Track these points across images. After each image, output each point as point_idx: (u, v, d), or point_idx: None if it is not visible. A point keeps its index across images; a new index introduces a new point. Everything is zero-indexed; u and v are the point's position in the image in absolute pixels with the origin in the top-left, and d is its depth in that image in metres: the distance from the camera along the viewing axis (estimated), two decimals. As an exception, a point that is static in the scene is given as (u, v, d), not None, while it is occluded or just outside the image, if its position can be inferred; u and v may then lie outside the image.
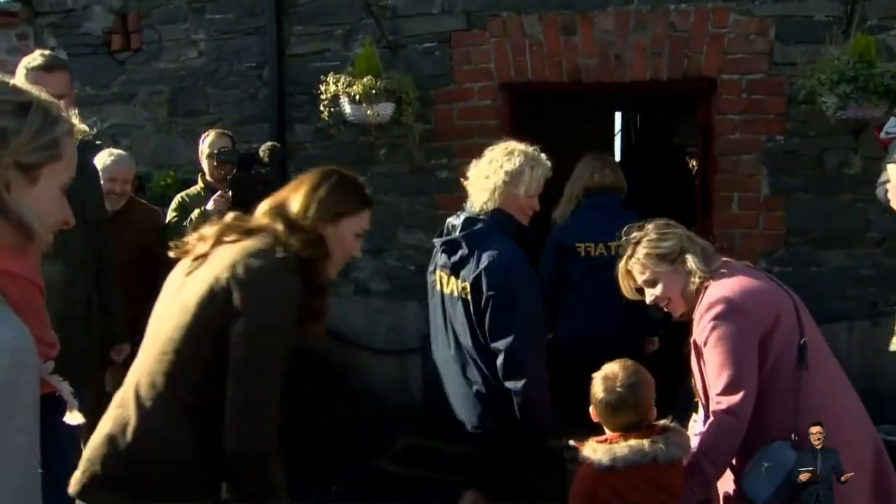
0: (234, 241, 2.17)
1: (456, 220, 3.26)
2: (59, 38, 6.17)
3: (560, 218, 4.33)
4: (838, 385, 2.49)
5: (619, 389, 2.39)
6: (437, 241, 3.32)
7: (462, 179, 3.36)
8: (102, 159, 4.22)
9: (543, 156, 3.25)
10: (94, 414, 4.25)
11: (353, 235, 2.32)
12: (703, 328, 2.44)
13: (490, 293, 3.03)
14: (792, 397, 2.33)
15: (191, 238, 2.25)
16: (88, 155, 3.58)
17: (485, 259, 3.07)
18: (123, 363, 4.14)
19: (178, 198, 4.55)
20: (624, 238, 2.69)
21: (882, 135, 3.90)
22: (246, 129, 5.63)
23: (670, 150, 6.99)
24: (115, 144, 5.54)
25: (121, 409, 2.09)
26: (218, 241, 2.17)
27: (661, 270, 2.56)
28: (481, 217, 3.16)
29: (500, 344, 3.03)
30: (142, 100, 6.05)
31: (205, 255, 2.16)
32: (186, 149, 5.84)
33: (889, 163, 2.96)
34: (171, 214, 4.48)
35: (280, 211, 2.23)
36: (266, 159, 4.38)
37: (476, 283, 3.08)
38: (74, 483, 2.08)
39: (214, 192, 4.38)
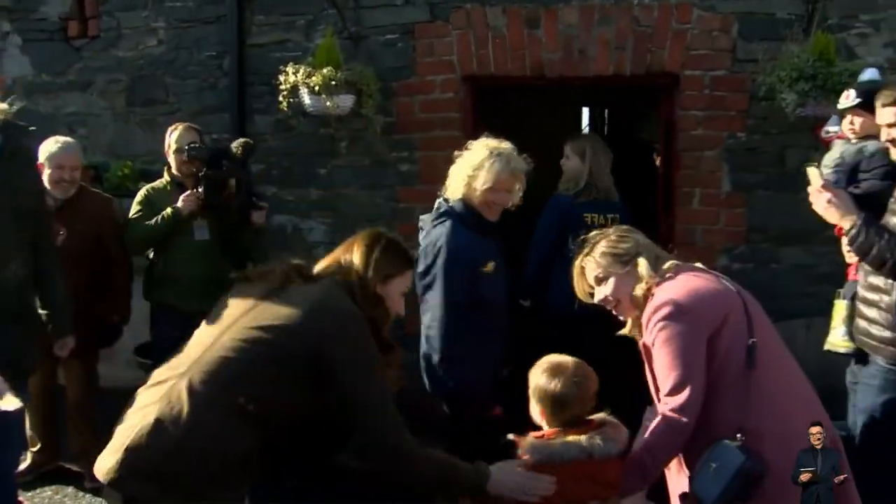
0: (304, 283, 2.36)
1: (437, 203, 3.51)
2: (13, 22, 6.10)
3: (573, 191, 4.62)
4: (793, 381, 2.51)
5: (574, 381, 2.44)
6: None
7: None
8: (48, 147, 4.16)
9: (512, 153, 3.35)
10: (43, 405, 4.29)
11: (399, 294, 2.51)
12: (650, 330, 2.49)
13: (418, 271, 3.27)
14: (740, 396, 2.36)
15: (259, 268, 2.46)
16: (24, 140, 3.49)
17: (425, 241, 3.37)
18: (79, 357, 4.18)
19: (143, 191, 4.49)
20: (582, 239, 2.77)
21: (822, 133, 4.04)
22: (206, 120, 5.56)
23: (637, 146, 7.00)
24: (72, 133, 5.50)
25: (168, 402, 2.16)
26: (287, 279, 2.35)
27: (614, 271, 2.63)
28: (451, 204, 3.37)
29: (424, 319, 3.30)
30: (99, 88, 5.99)
31: (280, 288, 2.33)
32: (144, 139, 5.84)
33: (808, 166, 3.02)
34: (135, 208, 4.43)
35: (345, 269, 2.41)
36: (239, 155, 4.34)
37: (416, 262, 3.29)
38: (109, 471, 2.12)
39: (181, 186, 4.38)
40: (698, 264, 2.68)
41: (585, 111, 8.50)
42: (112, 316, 4.43)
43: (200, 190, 4.22)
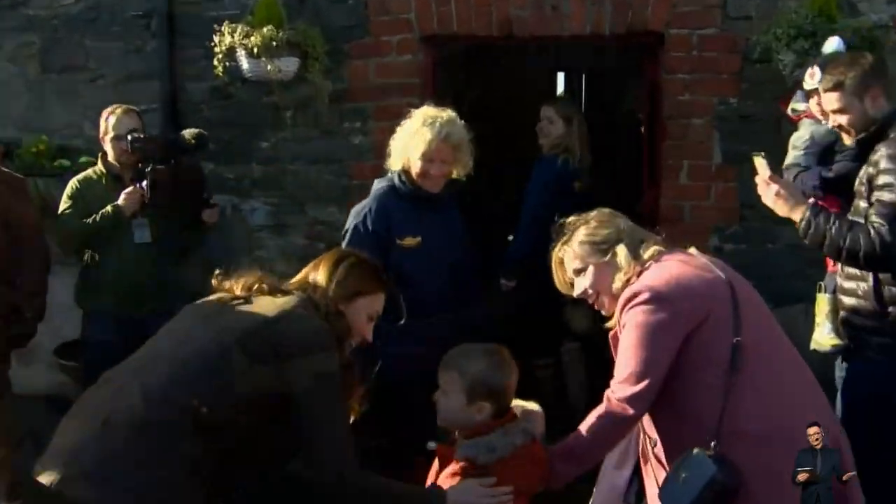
0: (269, 295, 2.46)
1: None
2: None
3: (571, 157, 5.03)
4: (791, 375, 2.49)
5: (514, 368, 2.58)
6: None
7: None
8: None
9: (449, 122, 3.50)
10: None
11: (367, 317, 2.59)
12: (623, 316, 2.50)
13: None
14: (722, 398, 2.36)
15: (228, 281, 2.53)
16: None
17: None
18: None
19: (73, 183, 4.40)
20: (560, 224, 2.77)
21: (789, 112, 4.05)
22: (132, 88, 5.45)
23: (621, 116, 6.99)
24: (-23, 105, 5.34)
25: (120, 400, 2.25)
26: (250, 290, 2.47)
27: (593, 260, 2.63)
28: (390, 174, 3.63)
29: None
30: (8, 53, 5.73)
31: (243, 299, 2.45)
32: (62, 110, 5.67)
33: (755, 155, 3.05)
34: (65, 202, 4.34)
35: (307, 285, 2.52)
36: (192, 147, 4.29)
37: None
38: (51, 475, 2.16)
39: (118, 178, 4.30)
40: (692, 249, 2.66)
41: (560, 77, 8.37)
42: (24, 313, 4.26)
43: (145, 186, 4.07)
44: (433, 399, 2.60)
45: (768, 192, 2.99)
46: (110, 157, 4.36)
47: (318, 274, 2.54)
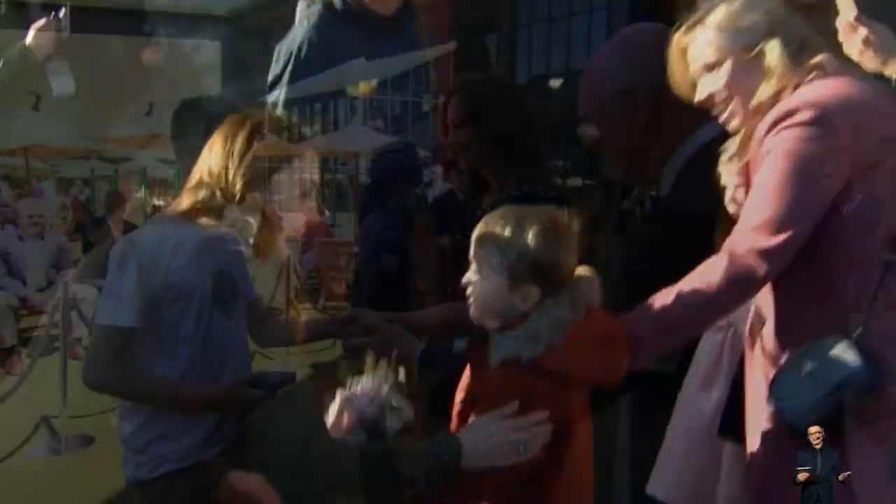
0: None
1: None
2: None
3: None
4: None
5: (571, 243, 2.09)
6: None
7: None
8: None
9: None
10: None
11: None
12: (767, 140, 2.15)
13: (269, 80, 3.26)
14: (876, 274, 2.10)
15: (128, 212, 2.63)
16: None
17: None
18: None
19: None
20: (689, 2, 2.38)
21: None
22: None
23: None
24: None
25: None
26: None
27: (733, 54, 2.26)
28: None
29: None
30: None
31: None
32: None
33: None
34: None
35: (203, 184, 2.38)
36: None
37: None
38: None
39: (21, 6, 3.91)
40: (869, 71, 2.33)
41: None
42: None
43: (61, 17, 3.56)
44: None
45: (853, 39, 2.67)
46: None
47: (212, 159, 2.33)
